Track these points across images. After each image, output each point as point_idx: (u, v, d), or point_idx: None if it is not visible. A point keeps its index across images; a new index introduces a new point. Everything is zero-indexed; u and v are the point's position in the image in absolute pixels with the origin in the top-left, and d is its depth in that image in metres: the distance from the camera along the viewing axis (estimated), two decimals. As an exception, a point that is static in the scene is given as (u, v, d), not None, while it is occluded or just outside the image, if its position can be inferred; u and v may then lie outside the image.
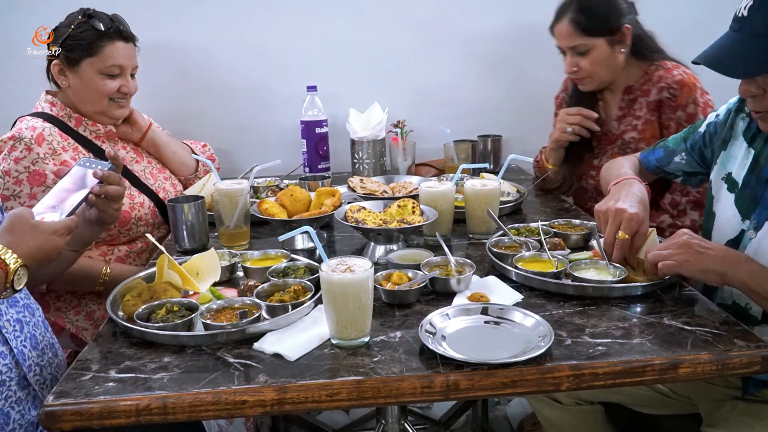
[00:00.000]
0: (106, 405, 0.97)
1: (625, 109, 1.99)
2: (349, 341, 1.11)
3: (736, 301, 1.34)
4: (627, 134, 1.96)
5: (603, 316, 1.20)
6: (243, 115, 2.42)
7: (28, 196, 1.67)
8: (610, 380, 1.05)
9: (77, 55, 1.75)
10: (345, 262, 1.12)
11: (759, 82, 1.20)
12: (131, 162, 1.94)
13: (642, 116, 1.93)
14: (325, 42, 2.38)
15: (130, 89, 1.86)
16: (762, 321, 1.29)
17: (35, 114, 1.81)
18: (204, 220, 1.65)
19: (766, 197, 1.30)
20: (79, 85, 1.79)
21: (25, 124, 1.74)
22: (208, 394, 0.99)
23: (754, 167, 1.35)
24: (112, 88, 1.80)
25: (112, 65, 1.78)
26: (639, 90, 1.95)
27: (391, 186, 1.93)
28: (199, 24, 2.33)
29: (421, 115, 2.41)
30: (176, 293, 1.28)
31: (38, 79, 1.86)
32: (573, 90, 2.10)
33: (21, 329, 1.25)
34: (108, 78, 1.79)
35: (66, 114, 1.82)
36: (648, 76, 1.94)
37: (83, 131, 1.84)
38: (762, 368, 1.08)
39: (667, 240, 1.29)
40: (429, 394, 1.02)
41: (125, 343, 1.16)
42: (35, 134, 1.70)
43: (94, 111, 1.84)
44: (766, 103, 1.22)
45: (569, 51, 1.94)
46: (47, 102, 1.84)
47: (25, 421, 1.21)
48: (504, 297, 1.27)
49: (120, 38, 1.79)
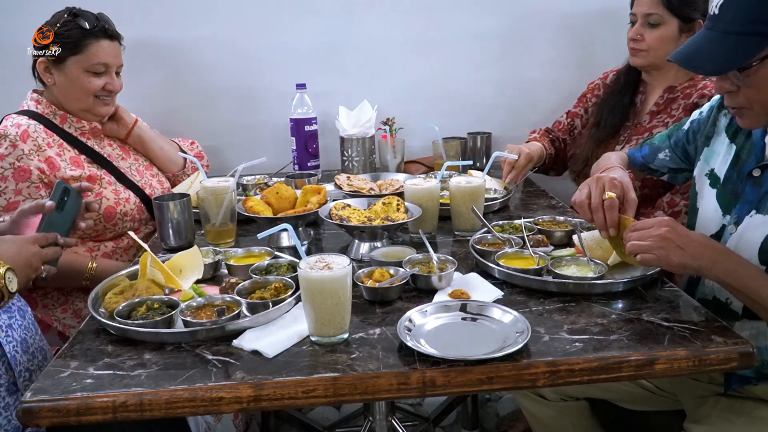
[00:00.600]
0: (83, 401, 0.98)
1: (661, 105, 2.00)
2: (327, 338, 1.11)
3: (717, 296, 1.34)
4: (656, 129, 1.97)
5: (582, 313, 1.21)
6: (232, 113, 2.42)
7: (14, 192, 1.67)
8: (587, 376, 1.05)
9: (63, 53, 1.76)
10: (324, 259, 1.13)
11: (732, 79, 1.20)
12: (117, 159, 1.94)
13: (676, 116, 1.94)
14: (315, 40, 2.38)
15: (115, 87, 1.86)
16: (743, 316, 1.29)
17: (21, 112, 1.82)
18: (190, 218, 1.65)
19: (746, 192, 1.30)
20: (64, 83, 1.80)
21: (11, 121, 1.74)
22: (185, 391, 0.99)
23: (736, 163, 1.35)
24: (98, 85, 1.81)
25: (97, 63, 1.79)
26: (680, 92, 1.97)
27: (378, 183, 1.93)
28: (188, 22, 2.33)
29: (410, 112, 2.41)
30: (159, 291, 1.29)
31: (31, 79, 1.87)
32: (616, 78, 2.13)
33: (12, 333, 1.26)
34: (93, 76, 1.80)
35: (51, 111, 1.83)
36: (694, 81, 1.96)
37: (68, 128, 1.85)
38: (740, 364, 1.08)
39: (648, 226, 1.24)
40: (405, 390, 1.02)
41: (106, 341, 1.16)
42: (20, 131, 1.71)
43: (79, 108, 1.85)
44: (740, 99, 1.22)
45: (641, 18, 1.95)
46: (33, 100, 1.85)
47: (11, 426, 1.22)
48: (484, 294, 1.28)
49: (105, 37, 1.80)
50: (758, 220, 1.26)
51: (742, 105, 1.22)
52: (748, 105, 1.22)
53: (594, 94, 2.22)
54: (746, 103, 1.22)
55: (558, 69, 2.43)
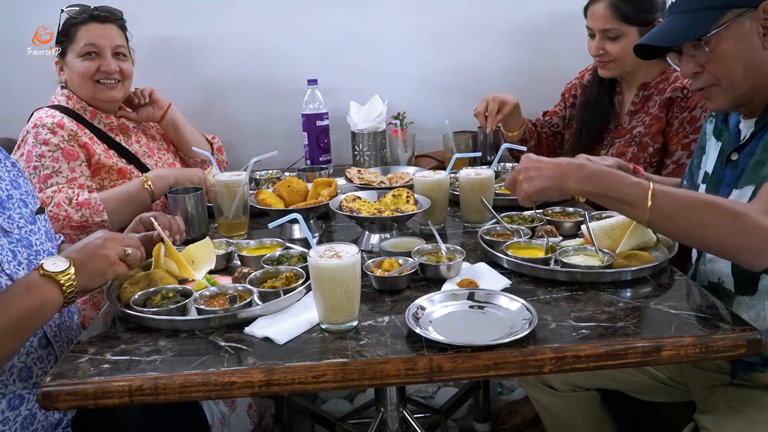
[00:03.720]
0: (100, 386, 1.01)
1: (638, 104, 2.01)
2: (337, 326, 1.13)
3: (710, 279, 1.36)
4: (636, 129, 1.98)
5: (590, 301, 1.22)
6: (245, 109, 2.46)
7: (69, 170, 1.75)
8: (593, 363, 1.06)
9: (63, 47, 1.86)
10: (333, 248, 1.15)
11: (696, 58, 1.26)
12: (144, 156, 1.99)
13: (653, 113, 1.95)
14: (326, 36, 2.40)
15: (111, 68, 1.88)
16: (737, 292, 1.30)
17: (52, 106, 1.88)
18: (203, 211, 1.68)
19: (726, 176, 1.34)
20: (69, 74, 1.88)
21: (44, 113, 1.82)
22: (198, 376, 1.02)
23: (722, 156, 1.38)
24: (91, 68, 1.86)
25: (84, 45, 1.85)
26: (654, 88, 1.98)
27: (388, 177, 1.95)
28: (201, 19, 2.37)
29: (421, 107, 2.43)
30: (173, 281, 1.31)
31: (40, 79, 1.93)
32: (593, 80, 2.13)
33: (60, 334, 1.29)
34: (86, 60, 1.86)
35: (81, 107, 1.89)
36: (666, 75, 1.97)
37: (97, 123, 1.91)
38: (748, 351, 1.08)
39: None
40: (413, 376, 1.04)
41: (122, 328, 1.19)
42: (55, 120, 1.79)
43: (87, 96, 1.90)
44: (706, 77, 1.28)
45: (599, 34, 1.96)
46: (63, 96, 1.91)
47: (48, 423, 1.25)
48: (492, 283, 1.29)
49: (94, 20, 1.86)
50: (735, 195, 1.29)
51: (710, 82, 1.28)
52: (715, 81, 1.27)
53: (571, 94, 2.23)
54: (713, 80, 1.27)
55: (569, 62, 2.43)
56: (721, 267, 1.33)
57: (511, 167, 2.12)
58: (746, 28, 1.21)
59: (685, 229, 1.18)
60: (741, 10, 1.20)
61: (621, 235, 1.40)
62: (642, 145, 1.94)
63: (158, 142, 2.12)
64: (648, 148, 1.93)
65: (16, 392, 1.19)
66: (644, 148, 1.94)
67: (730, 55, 1.23)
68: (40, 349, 1.23)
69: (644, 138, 1.94)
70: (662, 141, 1.93)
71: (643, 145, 1.94)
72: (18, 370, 1.18)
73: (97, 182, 1.84)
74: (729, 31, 1.21)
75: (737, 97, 1.29)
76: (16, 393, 1.18)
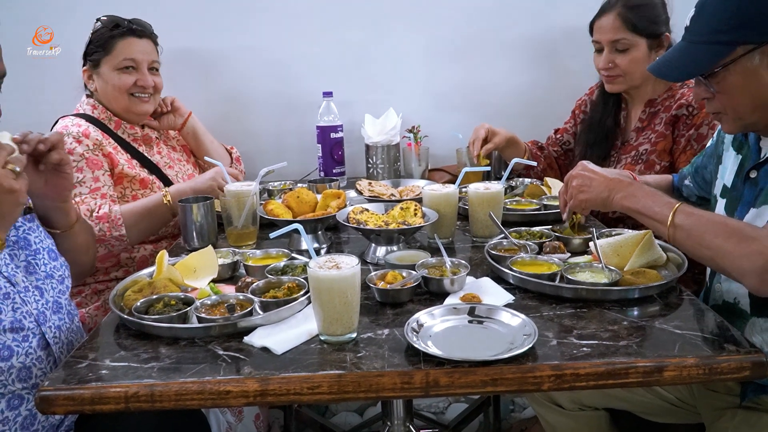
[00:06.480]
0: (96, 391, 1.02)
1: (645, 121, 2.00)
2: (336, 337, 1.13)
3: (725, 299, 1.34)
4: (642, 146, 1.96)
5: (594, 319, 1.20)
6: (261, 121, 2.48)
7: (93, 180, 1.78)
8: (593, 381, 1.04)
9: (97, 57, 1.88)
10: (333, 259, 1.15)
11: (705, 86, 1.26)
12: (165, 167, 2.02)
13: (659, 130, 1.93)
14: (341, 49, 2.42)
15: (147, 82, 1.93)
16: (752, 313, 1.27)
17: (77, 115, 1.92)
18: (213, 221, 1.69)
19: (745, 194, 1.32)
20: (102, 86, 1.90)
21: (70, 121, 1.86)
22: (194, 384, 1.02)
23: (741, 170, 1.36)
24: (128, 82, 1.90)
25: (124, 59, 1.89)
26: (661, 105, 1.97)
27: (399, 189, 1.95)
28: (220, 33, 2.40)
29: (435, 121, 2.43)
30: (176, 289, 1.32)
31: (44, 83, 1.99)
32: (600, 95, 2.11)
33: (60, 335, 1.30)
34: (124, 73, 1.89)
35: (107, 117, 1.94)
36: (672, 92, 1.96)
37: (122, 134, 1.95)
38: (752, 373, 1.06)
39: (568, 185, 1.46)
40: (408, 390, 1.03)
41: (124, 335, 1.20)
42: (81, 129, 1.82)
43: (121, 108, 1.94)
44: (717, 104, 1.27)
45: (608, 46, 1.95)
46: (89, 105, 1.95)
47: (48, 424, 1.27)
48: (496, 298, 1.28)
49: (132, 35, 1.90)
50: (752, 214, 1.27)
51: (719, 110, 1.28)
52: (723, 110, 1.27)
53: (581, 110, 2.22)
54: (721, 109, 1.27)
55: (582, 79, 2.42)
56: (737, 287, 1.30)
57: (520, 182, 2.11)
58: (755, 63, 1.19)
59: (700, 248, 1.21)
60: (751, 46, 1.18)
61: (630, 253, 1.38)
62: (649, 162, 1.92)
63: (179, 153, 2.16)
64: (655, 166, 1.91)
65: (15, 392, 1.20)
66: (651, 166, 1.92)
67: (738, 90, 1.23)
68: (39, 350, 1.24)
69: (651, 156, 1.93)
70: (669, 160, 1.91)
71: (650, 163, 1.92)
72: (17, 371, 1.20)
73: (119, 191, 1.87)
74: (737, 65, 1.20)
75: (747, 126, 1.30)
76: (15, 393, 1.20)
